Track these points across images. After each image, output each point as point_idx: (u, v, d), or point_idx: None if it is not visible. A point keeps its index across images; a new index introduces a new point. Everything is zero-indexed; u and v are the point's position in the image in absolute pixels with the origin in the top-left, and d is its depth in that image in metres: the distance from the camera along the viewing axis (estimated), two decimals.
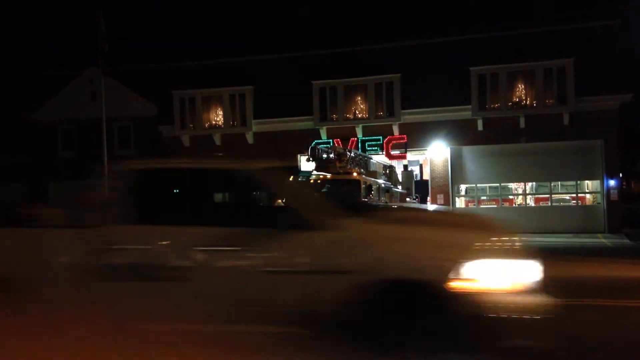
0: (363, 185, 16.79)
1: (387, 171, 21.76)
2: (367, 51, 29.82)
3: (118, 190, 6.02)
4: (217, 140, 29.66)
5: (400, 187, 22.41)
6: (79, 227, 5.99)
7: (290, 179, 6.93)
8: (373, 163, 20.35)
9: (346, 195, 16.26)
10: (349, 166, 17.66)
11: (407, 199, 22.34)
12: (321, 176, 17.28)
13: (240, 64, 31.55)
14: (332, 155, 17.71)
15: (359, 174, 17.21)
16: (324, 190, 16.84)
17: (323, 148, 18.31)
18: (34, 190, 32.43)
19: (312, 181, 17.25)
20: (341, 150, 18.26)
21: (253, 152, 29.31)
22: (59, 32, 40.16)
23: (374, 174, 18.92)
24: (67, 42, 37.70)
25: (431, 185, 27.64)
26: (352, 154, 18.46)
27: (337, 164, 17.50)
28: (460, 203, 28.34)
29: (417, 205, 23.72)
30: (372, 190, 17.45)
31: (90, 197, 6.85)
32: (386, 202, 19.00)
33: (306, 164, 17.84)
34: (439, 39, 29.17)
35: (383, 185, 19.25)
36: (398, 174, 23.40)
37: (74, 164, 31.31)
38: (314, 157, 17.46)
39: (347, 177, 16.96)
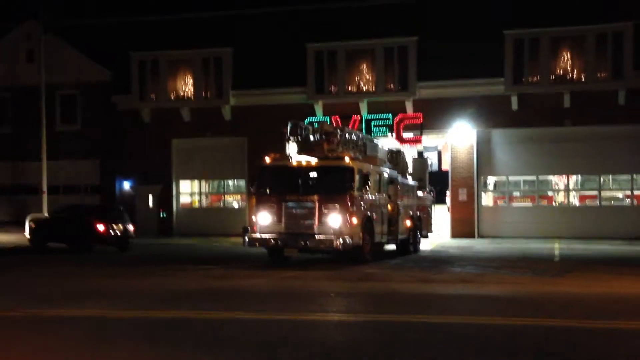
0: (357, 175, 16.40)
1: (393, 156, 21.48)
2: (375, 7, 29.56)
3: None
4: (186, 115, 29.43)
5: (410, 177, 22.22)
6: None
7: None
8: (374, 146, 20.01)
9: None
10: (340, 149, 17.21)
11: (419, 193, 22.10)
12: (304, 162, 16.88)
13: (216, 20, 31.27)
14: (319, 136, 17.33)
15: (353, 159, 16.78)
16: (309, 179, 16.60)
17: (308, 126, 17.86)
18: None
19: (291, 167, 16.73)
20: (330, 129, 17.77)
21: (230, 131, 29.13)
22: None
23: (373, 160, 18.52)
24: None
25: (451, 177, 27.52)
26: (346, 135, 18.03)
27: (325, 146, 17.03)
28: (487, 199, 28.23)
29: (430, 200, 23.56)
30: (370, 181, 16.96)
31: None
32: (389, 196, 18.80)
33: (291, 147, 17.38)
34: None
35: (386, 174, 18.92)
36: (408, 162, 23.19)
37: (4, 141, 31.04)
38: (296, 136, 17.03)
39: (336, 163, 16.55)
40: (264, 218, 16.53)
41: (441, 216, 27.66)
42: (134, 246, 22.83)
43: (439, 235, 27.01)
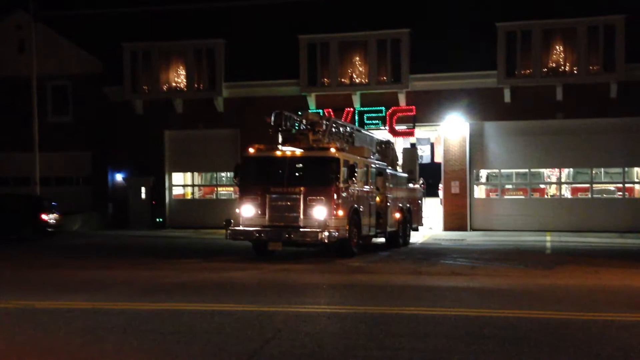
0: (343, 166, 16.07)
1: (382, 148, 21.31)
2: None
3: None
4: (179, 107, 29.29)
5: (399, 168, 22.12)
6: None
7: None
8: (362, 137, 19.85)
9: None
10: (326, 139, 16.92)
11: (410, 185, 22.02)
12: (288, 152, 16.52)
13: (209, 11, 31.05)
14: (304, 125, 17.04)
15: (339, 149, 16.43)
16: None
17: (292, 115, 17.43)
18: None
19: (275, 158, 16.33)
20: (315, 119, 17.48)
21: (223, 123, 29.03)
22: None
23: (360, 151, 18.22)
24: None
25: (444, 170, 27.50)
26: (332, 124, 17.70)
27: (311, 136, 16.76)
28: (479, 192, 28.24)
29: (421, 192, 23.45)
30: (357, 172, 16.55)
31: None
32: (377, 188, 18.60)
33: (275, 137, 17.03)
34: None
35: (374, 165, 18.70)
36: (398, 153, 23.05)
37: None
38: (280, 126, 16.69)
39: (321, 153, 16.20)
40: (247, 210, 16.18)
41: (434, 209, 27.69)
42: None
43: (432, 227, 27.05)
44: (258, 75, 28.45)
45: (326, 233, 15.37)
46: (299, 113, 18.11)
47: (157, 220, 29.34)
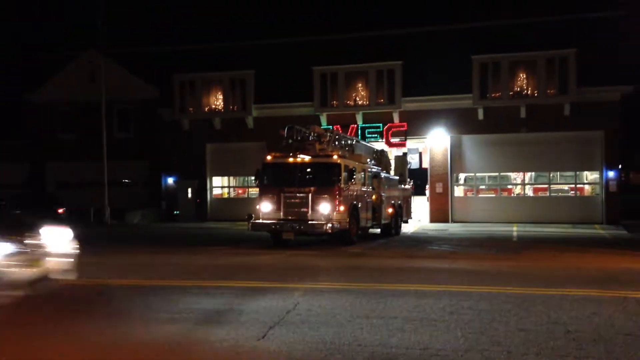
0: (344, 170, 15.96)
1: (377, 155, 21.18)
2: (368, 38, 29.44)
3: None
4: (217, 124, 29.38)
5: (392, 172, 21.98)
6: None
7: None
8: (361, 146, 19.70)
9: None
10: (330, 148, 16.84)
11: (400, 185, 21.85)
12: (299, 159, 16.38)
13: (241, 48, 31.19)
14: (312, 137, 16.94)
15: (341, 156, 16.34)
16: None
17: (302, 128, 17.32)
18: (33, 171, 32.20)
19: (288, 163, 16.23)
20: (321, 131, 17.46)
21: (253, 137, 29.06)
22: (58, 12, 39.68)
23: (359, 158, 18.03)
24: (66, 23, 37.29)
25: (430, 174, 27.38)
26: (335, 136, 17.61)
27: (317, 146, 16.67)
28: (459, 192, 28.07)
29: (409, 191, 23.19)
30: (355, 175, 16.48)
31: None
32: (373, 188, 18.48)
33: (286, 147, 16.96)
34: (441, 26, 28.81)
35: (370, 169, 18.53)
36: (391, 160, 22.90)
37: (72, 146, 31.09)
38: (292, 138, 16.66)
39: (326, 159, 16.11)
40: (265, 206, 16.08)
41: (422, 205, 27.54)
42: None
43: (420, 220, 26.90)
44: (280, 98, 28.47)
45: (330, 225, 15.26)
46: (308, 128, 17.94)
47: (175, 212, 29.21)
